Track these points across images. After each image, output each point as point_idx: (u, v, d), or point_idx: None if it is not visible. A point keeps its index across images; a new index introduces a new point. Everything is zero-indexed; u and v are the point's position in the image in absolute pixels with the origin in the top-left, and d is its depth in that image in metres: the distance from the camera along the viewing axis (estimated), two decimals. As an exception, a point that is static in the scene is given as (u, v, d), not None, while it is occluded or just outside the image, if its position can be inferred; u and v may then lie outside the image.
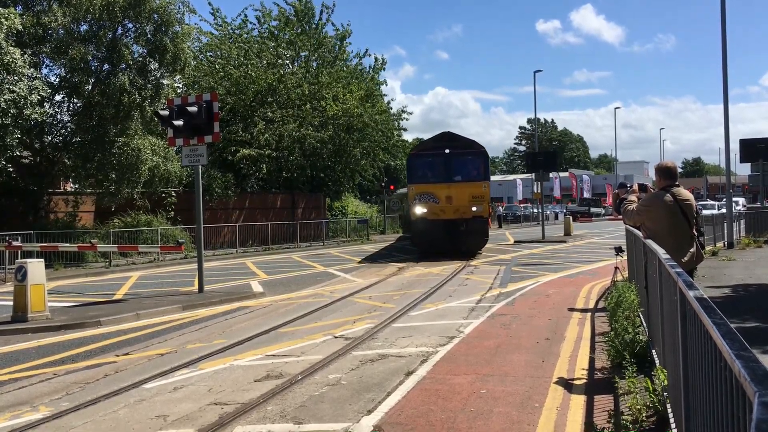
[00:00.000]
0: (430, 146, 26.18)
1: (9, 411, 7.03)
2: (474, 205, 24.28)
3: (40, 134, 26.11)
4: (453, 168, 24.99)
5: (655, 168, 7.84)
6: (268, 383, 7.66)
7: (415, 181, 25.26)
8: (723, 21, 23.98)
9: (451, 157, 24.93)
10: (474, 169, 25.21)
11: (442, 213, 24.42)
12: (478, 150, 25.63)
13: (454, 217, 24.29)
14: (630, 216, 7.92)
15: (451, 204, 24.42)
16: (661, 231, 7.27)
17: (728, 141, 24.57)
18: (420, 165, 25.61)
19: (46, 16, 23.78)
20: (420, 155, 26.04)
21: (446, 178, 24.80)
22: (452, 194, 24.54)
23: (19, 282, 12.22)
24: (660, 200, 7.38)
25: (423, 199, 24.60)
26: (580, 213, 65.11)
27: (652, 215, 7.46)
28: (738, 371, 2.27)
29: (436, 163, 25.12)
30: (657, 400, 5.65)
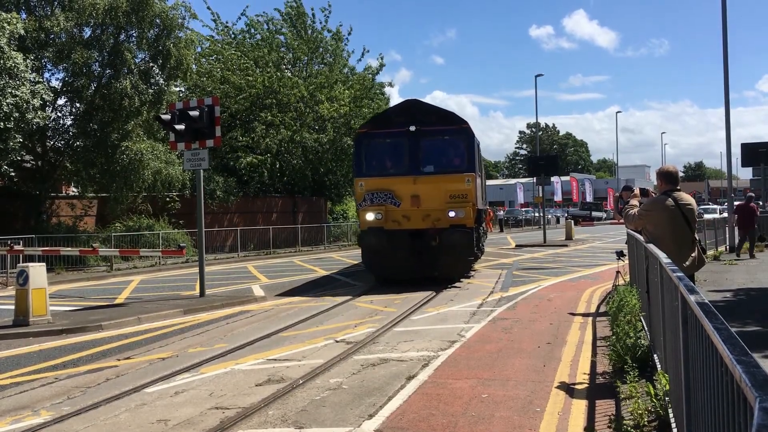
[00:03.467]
0: (387, 121, 17.67)
1: (10, 415, 7.03)
2: (452, 207, 16.51)
3: (42, 138, 26.17)
4: (422, 153, 17.07)
5: (657, 172, 7.84)
6: (269, 387, 7.66)
7: (366, 173, 17.26)
8: (724, 27, 24.00)
9: (419, 138, 16.88)
10: (453, 155, 17.33)
11: (404, 221, 16.75)
12: (459, 126, 17.24)
13: (424, 226, 16.65)
14: (631, 220, 7.89)
15: (419, 207, 16.68)
16: (662, 235, 7.27)
17: (729, 145, 24.57)
18: (372, 149, 17.48)
19: (49, 20, 23.85)
20: (372, 135, 17.43)
21: (411, 169, 16.92)
22: (420, 192, 16.71)
23: (21, 286, 12.23)
24: (661, 204, 7.38)
25: (377, 199, 16.79)
26: (582, 217, 65.10)
27: (653, 219, 7.45)
28: (739, 376, 2.27)
29: (397, 146, 17.24)
30: (659, 405, 5.65)
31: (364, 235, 16.99)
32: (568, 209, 72.00)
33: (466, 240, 16.46)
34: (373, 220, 16.76)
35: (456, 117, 17.56)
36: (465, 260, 17.25)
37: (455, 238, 16.28)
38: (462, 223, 16.48)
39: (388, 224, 16.76)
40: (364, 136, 17.74)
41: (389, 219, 16.81)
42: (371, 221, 16.79)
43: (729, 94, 24.24)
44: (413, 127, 16.84)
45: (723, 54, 23.96)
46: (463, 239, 16.41)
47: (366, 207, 16.93)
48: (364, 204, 17.03)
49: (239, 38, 40.39)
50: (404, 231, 16.72)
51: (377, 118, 19.38)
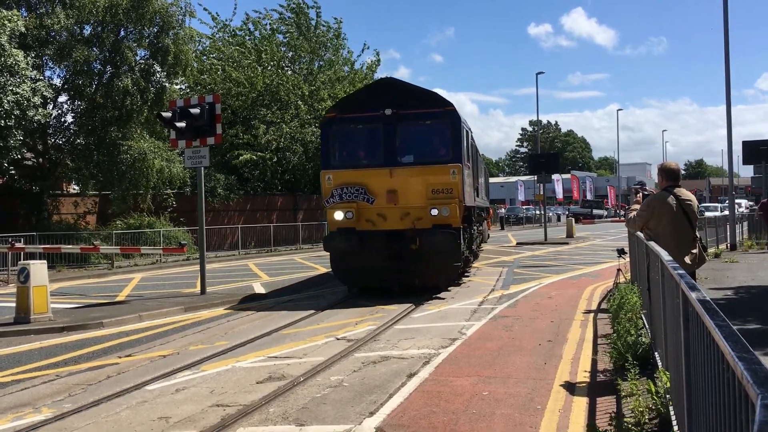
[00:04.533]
0: (359, 103, 15.42)
1: (12, 412, 7.04)
2: (435, 204, 14.24)
3: (44, 136, 26.19)
4: (399, 141, 14.79)
5: (658, 168, 7.79)
6: (270, 385, 7.66)
7: (334, 165, 15.08)
8: (726, 26, 23.97)
9: (397, 123, 14.62)
10: (437, 143, 15.03)
11: (379, 220, 14.59)
12: (443, 109, 14.83)
13: (402, 226, 14.44)
14: (633, 223, 7.86)
15: (396, 204, 14.49)
16: (663, 232, 7.25)
17: (731, 143, 24.54)
18: (342, 136, 15.32)
19: (49, 18, 23.85)
20: (341, 120, 15.12)
21: (387, 159, 14.64)
22: (398, 187, 14.47)
23: (22, 283, 12.24)
24: (663, 201, 7.35)
25: (347, 195, 14.62)
26: (583, 215, 65.09)
27: (655, 216, 7.41)
28: (740, 373, 2.27)
29: (370, 132, 15.03)
30: (659, 402, 5.65)
31: (331, 238, 14.62)
32: (569, 207, 72.03)
33: (450, 242, 14.03)
34: (343, 220, 14.54)
35: (439, 98, 15.01)
36: (450, 266, 14.63)
37: (437, 241, 13.94)
38: (446, 223, 14.19)
39: (361, 224, 14.56)
40: (331, 121, 15.27)
41: (361, 218, 14.59)
42: (340, 221, 14.56)
43: (730, 92, 24.22)
44: (389, 111, 14.50)
45: (724, 52, 23.93)
46: (447, 242, 14.00)
47: (334, 204, 14.64)
48: (332, 201, 14.71)
49: (239, 36, 40.34)
50: (379, 232, 14.47)
51: (347, 100, 16.94)
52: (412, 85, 15.57)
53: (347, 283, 15.33)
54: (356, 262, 14.56)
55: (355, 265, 14.65)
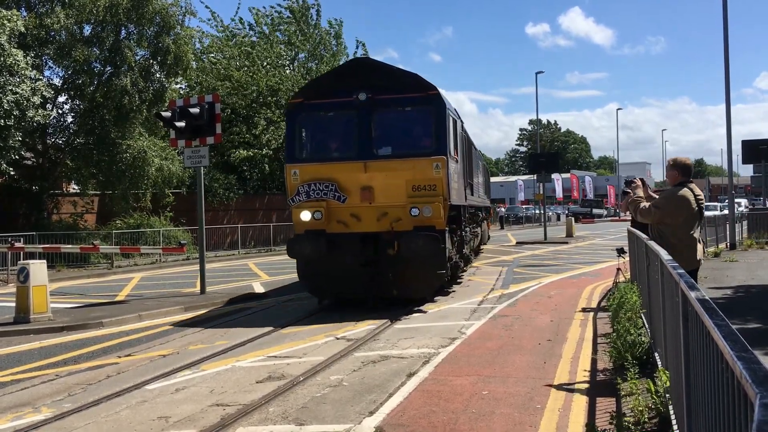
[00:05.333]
0: (329, 87, 13.40)
1: (11, 412, 7.04)
2: (416, 203, 12.43)
3: (43, 135, 26.20)
4: (375, 130, 12.97)
5: (672, 163, 7.45)
6: (269, 384, 7.67)
7: (300, 158, 13.25)
8: (725, 26, 23.97)
9: (372, 110, 12.86)
10: (419, 133, 13.26)
11: (352, 221, 12.80)
12: (426, 93, 12.95)
13: (378, 228, 12.69)
14: (647, 214, 7.31)
15: (372, 202, 12.71)
16: (681, 228, 7.08)
17: (730, 142, 24.54)
18: (309, 126, 13.53)
19: (49, 18, 23.85)
20: (309, 107, 13.28)
21: (362, 152, 12.81)
22: (373, 183, 12.70)
23: (22, 283, 12.24)
24: (685, 197, 7.10)
25: (315, 193, 12.80)
26: (582, 214, 65.11)
27: (674, 211, 7.13)
28: (739, 373, 2.27)
29: (342, 121, 13.25)
30: (659, 402, 5.65)
31: (296, 242, 12.74)
32: (569, 206, 72.04)
33: (432, 247, 12.09)
34: (310, 221, 12.69)
35: (421, 81, 13.02)
36: (432, 274, 12.68)
37: (418, 245, 12.08)
38: (429, 224, 12.35)
39: (331, 226, 12.77)
40: (297, 108, 13.33)
41: (332, 219, 12.78)
42: (307, 222, 12.73)
43: (730, 91, 24.23)
44: (363, 95, 12.74)
45: (724, 52, 23.93)
46: (429, 246, 12.07)
47: (301, 203, 12.78)
48: (297, 199, 12.81)
49: (238, 35, 40.32)
50: (352, 235, 12.68)
51: (315, 84, 14.37)
52: (390, 66, 13.61)
53: (316, 294, 13.39)
54: (325, 269, 12.73)
55: (324, 273, 12.82)
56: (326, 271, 12.81)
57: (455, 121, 14.22)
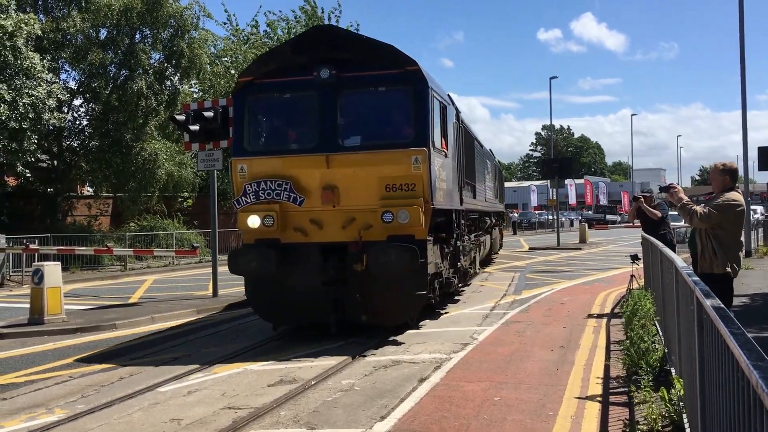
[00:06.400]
0: (285, 62, 10.89)
1: (25, 413, 7.09)
2: (390, 206, 10.06)
3: (58, 138, 26.42)
4: (341, 116, 10.74)
5: (721, 168, 7.18)
6: (281, 388, 7.67)
7: (249, 150, 10.88)
8: (741, 34, 23.83)
9: (337, 90, 10.50)
10: (394, 119, 11.04)
11: (312, 229, 10.47)
12: (403, 69, 10.50)
13: (343, 238, 10.34)
14: (707, 218, 6.82)
15: (336, 205, 10.36)
16: (735, 235, 6.96)
17: (746, 149, 24.39)
18: (260, 110, 11.26)
19: (65, 21, 24.11)
20: (260, 87, 10.93)
21: (324, 143, 10.48)
22: (338, 181, 10.36)
23: (36, 285, 12.33)
24: (741, 201, 6.96)
25: (266, 193, 10.43)
26: (596, 220, 64.79)
27: (732, 216, 6.89)
28: (755, 382, 2.25)
29: (300, 104, 10.95)
30: (673, 410, 5.60)
31: (240, 254, 10.44)
32: (582, 212, 71.71)
33: (408, 261, 9.63)
34: (260, 228, 10.33)
35: (398, 54, 10.49)
36: (409, 296, 10.23)
37: (389, 260, 9.68)
38: (406, 233, 9.96)
39: (287, 235, 10.43)
40: (246, 88, 10.89)
41: (287, 226, 10.42)
42: (256, 229, 10.36)
43: (746, 98, 24.07)
44: (326, 72, 10.28)
45: (740, 59, 23.80)
46: (403, 260, 9.63)
47: (248, 206, 10.43)
48: (244, 200, 10.45)
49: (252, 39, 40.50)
50: (312, 246, 10.34)
51: (268, 57, 11.56)
52: (359, 36, 11.41)
53: (268, 319, 10.93)
54: (278, 289, 10.44)
55: (277, 295, 10.46)
56: (279, 292, 10.43)
57: (444, 106, 11.77)
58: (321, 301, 10.32)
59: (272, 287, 10.49)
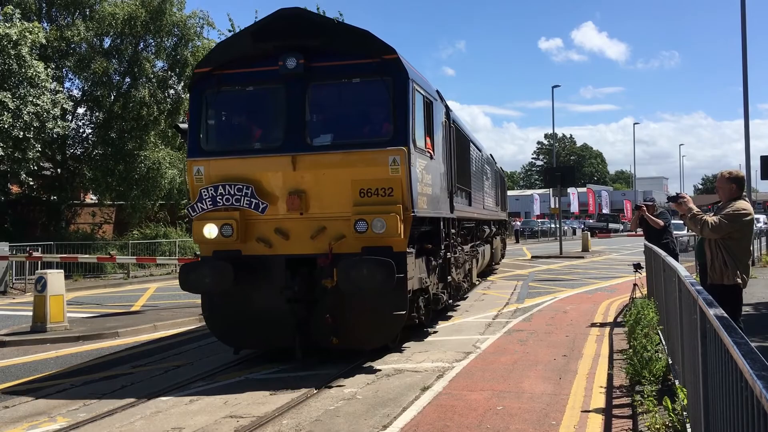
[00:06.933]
0: (246, 52, 9.64)
1: (27, 421, 7.08)
2: (365, 213, 8.88)
3: (62, 146, 26.53)
4: (310, 112, 9.55)
5: (727, 176, 7.15)
6: (283, 396, 7.66)
7: (207, 151, 9.70)
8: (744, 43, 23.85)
9: (305, 82, 9.40)
10: (370, 115, 9.93)
11: (277, 240, 9.36)
12: (380, 58, 9.24)
13: (311, 250, 9.23)
14: (719, 229, 6.73)
15: (304, 213, 9.23)
16: (745, 244, 6.92)
17: (749, 157, 24.36)
18: (219, 105, 10.04)
19: (70, 30, 24.25)
20: (219, 79, 9.70)
21: (290, 141, 9.32)
22: (306, 185, 9.23)
23: (39, 292, 12.35)
24: (750, 210, 6.89)
25: (224, 198, 9.27)
26: (599, 229, 64.75)
27: (742, 225, 6.83)
28: (759, 392, 2.25)
29: (263, 98, 9.94)
30: (676, 420, 5.58)
31: (193, 269, 9.23)
32: (585, 221, 71.65)
33: (383, 277, 8.45)
34: (217, 238, 9.22)
35: (375, 41, 9.32)
36: (386, 317, 9.05)
37: (361, 275, 8.49)
38: (383, 245, 8.84)
39: (248, 246, 9.34)
40: (204, 80, 9.73)
41: (249, 236, 9.31)
42: (213, 240, 9.25)
43: (748, 107, 24.07)
44: (293, 62, 9.19)
45: (742, 68, 23.80)
46: (377, 276, 8.46)
47: (205, 213, 9.28)
48: (200, 207, 9.28)
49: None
50: (277, 259, 9.25)
51: (228, 46, 10.16)
52: (331, 21, 10.10)
53: (227, 342, 9.69)
54: (238, 308, 9.35)
55: (236, 315, 9.37)
56: (239, 311, 9.34)
57: (430, 102, 10.45)
58: (285, 322, 9.09)
59: (231, 306, 9.37)
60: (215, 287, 9.07)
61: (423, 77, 10.51)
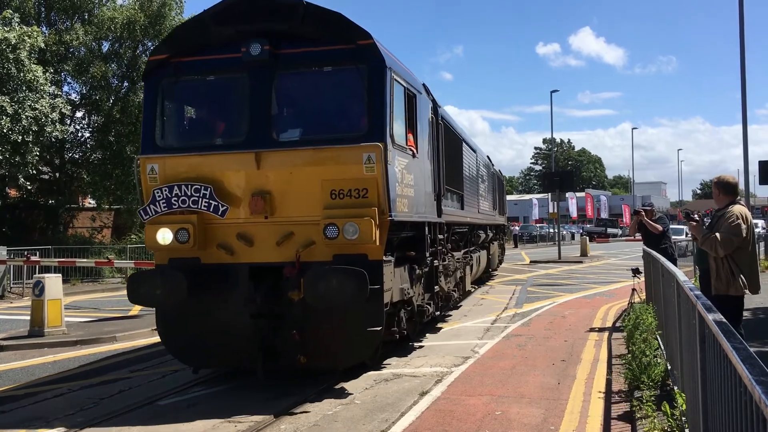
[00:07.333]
0: (206, 37, 8.63)
1: (24, 426, 7.07)
2: (335, 217, 7.90)
3: (60, 150, 26.52)
4: (276, 103, 8.61)
5: (715, 182, 7.22)
6: (282, 401, 7.64)
7: (162, 147, 8.76)
8: (742, 49, 23.92)
9: (271, 70, 8.42)
10: (345, 107, 8.91)
11: (240, 246, 8.33)
12: (354, 44, 8.29)
13: (277, 258, 8.20)
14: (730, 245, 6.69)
15: (270, 216, 8.21)
16: (746, 248, 6.86)
17: (747, 163, 24.44)
18: (175, 96, 9.13)
19: (69, 34, 24.28)
20: (176, 68, 8.73)
21: (254, 137, 8.33)
22: (272, 185, 8.23)
23: (37, 297, 12.32)
24: (745, 213, 6.84)
25: (180, 200, 8.26)
26: (597, 233, 64.72)
27: (747, 234, 6.79)
28: (758, 397, 2.24)
29: (225, 88, 9.01)
30: (675, 425, 5.58)
31: (145, 278, 8.50)
32: (584, 225, 71.71)
33: (354, 289, 7.53)
34: (172, 245, 8.24)
35: (349, 25, 8.37)
36: (359, 334, 8.07)
37: (330, 287, 7.55)
38: (357, 252, 7.95)
39: (208, 253, 8.37)
40: (160, 69, 8.83)
41: (208, 243, 8.34)
42: (167, 246, 8.27)
43: (746, 112, 24.15)
44: (257, 48, 8.25)
45: (741, 74, 23.87)
46: (349, 288, 7.54)
47: (158, 216, 8.33)
48: (153, 209, 8.34)
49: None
50: (238, 268, 8.30)
51: (187, 30, 9.26)
52: (300, 2, 8.40)
53: (185, 361, 8.72)
54: (196, 323, 8.36)
55: (193, 331, 8.38)
56: (196, 327, 8.36)
57: (413, 95, 9.58)
58: (248, 339, 8.09)
59: (187, 321, 8.37)
60: (166, 301, 8.06)
61: (405, 68, 9.65)
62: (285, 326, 8.10)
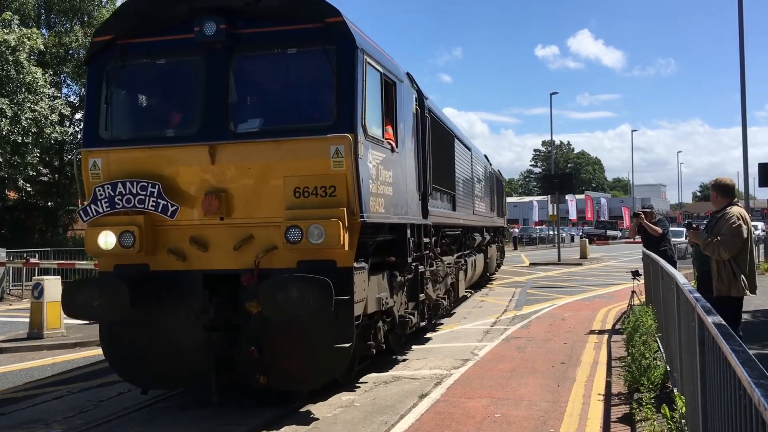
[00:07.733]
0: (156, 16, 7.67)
1: (24, 428, 7.06)
2: (299, 218, 6.91)
3: (60, 152, 26.50)
4: (234, 90, 7.56)
5: (713, 185, 7.24)
6: (281, 401, 7.63)
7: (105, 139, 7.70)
8: (741, 51, 23.95)
9: (228, 53, 7.42)
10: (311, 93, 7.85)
11: (192, 251, 7.32)
12: (322, 23, 7.27)
13: (234, 265, 7.23)
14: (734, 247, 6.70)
15: (226, 217, 7.25)
16: (746, 251, 6.86)
17: (746, 165, 24.46)
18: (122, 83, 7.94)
19: (68, 36, 24.28)
20: (123, 49, 7.68)
21: (208, 127, 7.33)
22: (228, 182, 7.27)
23: (36, 299, 12.32)
24: (743, 214, 6.85)
25: (125, 198, 7.22)
26: (597, 235, 64.70)
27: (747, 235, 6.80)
28: (758, 399, 2.24)
29: (177, 74, 7.94)
30: (675, 428, 5.57)
31: (82, 288, 7.28)
32: (583, 228, 71.72)
33: (318, 301, 6.57)
34: (115, 249, 7.31)
35: (316, 2, 7.42)
36: (327, 350, 7.10)
37: (289, 299, 6.61)
38: (324, 258, 7.05)
39: (157, 260, 7.49)
40: (104, 52, 7.83)
41: (158, 247, 7.46)
42: (111, 251, 7.34)
43: (746, 114, 24.18)
44: (212, 27, 7.32)
45: (740, 76, 23.90)
46: (311, 299, 6.58)
47: (100, 216, 7.38)
48: (95, 209, 7.36)
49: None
50: (191, 276, 7.40)
51: (136, 6, 7.93)
52: None
53: (131, 380, 7.78)
54: (143, 338, 7.46)
55: (140, 346, 7.48)
56: (144, 342, 7.46)
57: (391, 82, 8.68)
58: (202, 356, 7.15)
59: (133, 336, 7.46)
60: (105, 313, 7.15)
61: (383, 52, 8.65)
62: (242, 341, 7.20)
